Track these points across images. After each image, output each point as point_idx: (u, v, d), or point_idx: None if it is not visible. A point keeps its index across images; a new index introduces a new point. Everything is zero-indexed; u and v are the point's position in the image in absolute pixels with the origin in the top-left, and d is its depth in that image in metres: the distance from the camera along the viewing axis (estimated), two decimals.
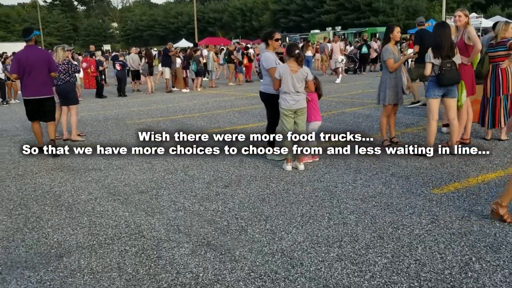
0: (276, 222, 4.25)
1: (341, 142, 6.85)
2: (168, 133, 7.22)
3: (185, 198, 5.09)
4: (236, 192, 5.21)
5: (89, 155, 7.27)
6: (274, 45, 6.57)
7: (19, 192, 5.60)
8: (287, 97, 5.94)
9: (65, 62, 8.51)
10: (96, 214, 4.73)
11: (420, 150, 6.36)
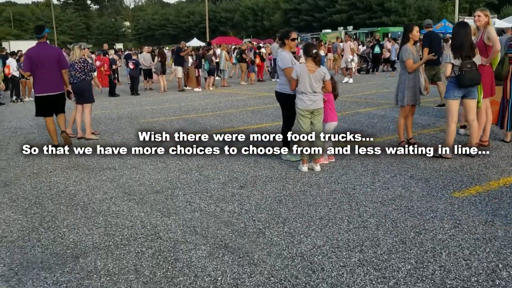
0: (294, 225, 4.17)
1: (341, 143, 6.74)
2: (168, 133, 7.14)
3: (201, 199, 5.02)
4: (252, 193, 5.13)
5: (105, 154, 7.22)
6: (290, 45, 6.49)
7: (34, 191, 5.58)
8: (304, 97, 5.85)
9: (81, 60, 8.49)
10: (112, 214, 4.68)
11: (424, 150, 6.28)
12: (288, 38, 6.41)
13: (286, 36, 6.42)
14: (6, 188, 5.75)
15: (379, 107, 11.40)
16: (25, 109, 14.36)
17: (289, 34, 6.43)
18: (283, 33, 6.53)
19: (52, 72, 7.46)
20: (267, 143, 6.94)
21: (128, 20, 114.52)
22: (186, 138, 6.85)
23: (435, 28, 44.74)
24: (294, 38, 6.50)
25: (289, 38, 6.42)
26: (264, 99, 14.39)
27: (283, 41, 6.47)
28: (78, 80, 8.48)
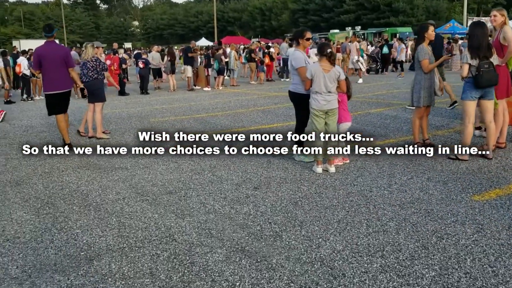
0: (311, 228, 4.08)
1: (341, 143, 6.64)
2: (168, 133, 7.07)
3: (215, 200, 4.94)
4: (267, 195, 5.05)
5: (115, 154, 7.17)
6: (304, 44, 6.40)
7: (46, 190, 5.52)
8: (319, 97, 5.75)
9: (93, 59, 8.43)
10: (125, 215, 4.61)
11: (440, 150, 6.19)
12: (303, 38, 6.32)
13: (301, 35, 6.33)
14: (18, 187, 5.70)
15: (391, 108, 11.27)
16: (35, 107, 14.36)
17: (304, 33, 6.34)
18: (298, 32, 6.44)
19: (60, 71, 7.58)
20: (267, 143, 6.85)
21: (137, 20, 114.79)
22: (186, 138, 6.81)
23: (443, 28, 44.56)
24: (309, 38, 6.41)
25: (304, 37, 6.32)
26: (274, 99, 14.29)
27: (297, 40, 6.38)
28: (90, 79, 8.42)
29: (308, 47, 16.60)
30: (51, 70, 7.52)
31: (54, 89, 7.62)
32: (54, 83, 7.58)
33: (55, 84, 7.58)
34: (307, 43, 6.43)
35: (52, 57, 7.51)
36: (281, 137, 6.54)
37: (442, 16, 58.08)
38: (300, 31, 6.42)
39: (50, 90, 7.65)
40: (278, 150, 6.41)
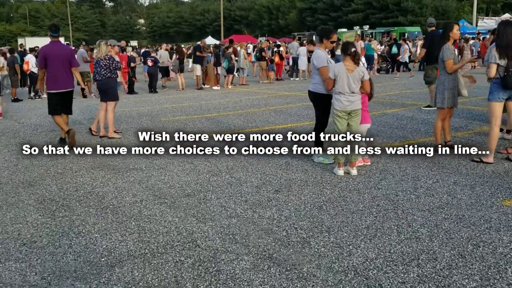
0: (340, 234, 3.91)
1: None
2: (168, 133, 6.92)
3: (236, 204, 4.78)
4: (289, 198, 4.88)
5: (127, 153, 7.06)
6: (327, 45, 6.21)
7: (60, 192, 5.38)
8: (342, 98, 5.58)
9: (107, 57, 8.27)
10: (144, 218, 4.46)
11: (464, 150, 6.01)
12: (328, 39, 6.13)
13: (327, 36, 6.12)
14: (31, 188, 5.56)
15: (406, 108, 11.07)
16: (43, 105, 14.17)
17: (330, 34, 6.12)
18: (324, 31, 6.22)
19: (64, 70, 7.68)
20: (267, 143, 6.70)
21: (143, 18, 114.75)
22: (186, 138, 6.69)
23: None
24: (334, 41, 6.22)
25: (329, 39, 6.13)
26: (285, 98, 14.12)
27: (321, 39, 6.20)
28: (103, 77, 8.28)
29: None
30: (55, 69, 7.61)
31: (57, 88, 7.71)
32: (58, 82, 7.67)
33: (59, 83, 7.68)
34: (330, 46, 6.24)
35: (57, 57, 7.61)
36: (281, 137, 6.41)
37: (451, 16, 57.67)
38: (327, 31, 6.19)
39: (53, 89, 7.73)
40: (278, 150, 6.22)
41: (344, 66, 5.53)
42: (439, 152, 6.13)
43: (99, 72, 8.30)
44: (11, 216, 4.63)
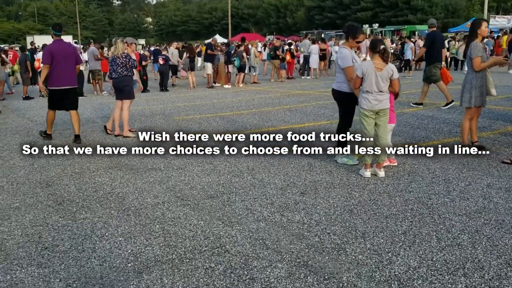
0: (376, 240, 3.73)
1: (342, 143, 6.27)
2: (168, 133, 6.73)
3: (262, 206, 4.60)
4: (317, 201, 4.70)
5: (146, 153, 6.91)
6: (352, 45, 6.01)
7: (79, 193, 5.22)
8: (370, 97, 5.39)
9: (123, 55, 8.11)
10: (168, 221, 4.29)
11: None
12: (354, 39, 5.92)
13: (354, 35, 5.90)
14: (49, 188, 5.41)
15: (425, 107, 10.84)
16: None
17: (357, 34, 5.90)
18: (351, 29, 5.99)
19: (69, 67, 7.82)
20: (267, 143, 6.50)
21: (150, 16, 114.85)
22: (186, 138, 6.48)
23: (464, 26, 43.80)
24: (360, 41, 6.03)
25: (355, 38, 5.92)
26: (298, 97, 13.92)
27: (347, 37, 5.99)
28: (119, 75, 8.12)
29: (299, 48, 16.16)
30: (60, 66, 7.73)
31: (60, 84, 7.80)
32: (61, 79, 7.78)
33: (62, 80, 7.78)
34: (356, 45, 6.04)
35: (63, 54, 7.76)
36: (281, 137, 6.19)
37: (461, 14, 57.21)
38: (354, 30, 5.96)
39: (56, 85, 7.81)
40: (278, 150, 6.03)
41: (373, 64, 5.33)
42: (438, 152, 5.88)
43: (115, 70, 8.15)
44: (30, 218, 4.47)
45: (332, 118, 9.87)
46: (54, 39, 7.95)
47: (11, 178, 5.88)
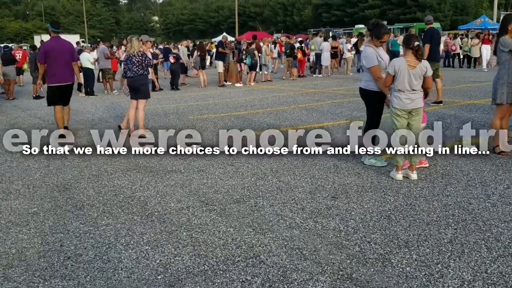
0: (422, 250, 3.48)
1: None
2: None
3: (292, 212, 4.36)
4: (350, 206, 4.45)
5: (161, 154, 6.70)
6: (376, 44, 5.74)
7: (99, 197, 5.00)
8: (402, 96, 5.13)
9: (139, 54, 7.87)
10: (195, 228, 4.06)
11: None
12: (378, 38, 5.65)
13: (378, 36, 5.63)
14: (67, 192, 5.20)
15: (445, 106, 10.56)
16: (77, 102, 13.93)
17: (382, 36, 5.61)
18: (376, 29, 5.67)
19: (65, 64, 7.93)
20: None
21: (157, 15, 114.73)
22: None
23: (474, 24, 43.29)
24: (384, 42, 5.76)
25: (379, 39, 5.66)
26: (313, 96, 13.66)
27: (371, 35, 5.73)
28: (134, 74, 7.89)
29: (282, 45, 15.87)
30: (57, 63, 7.85)
31: (58, 81, 7.93)
32: (57, 76, 7.90)
33: (58, 76, 7.91)
34: (379, 45, 5.77)
35: (58, 51, 7.85)
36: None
37: (470, 11, 56.63)
38: (379, 31, 5.64)
39: (54, 82, 7.95)
40: (278, 150, 5.78)
41: (406, 62, 5.07)
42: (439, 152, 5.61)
43: (130, 68, 7.92)
44: (50, 224, 4.26)
45: (350, 117, 9.62)
46: (51, 36, 8.01)
47: (26, 181, 5.67)
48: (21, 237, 3.97)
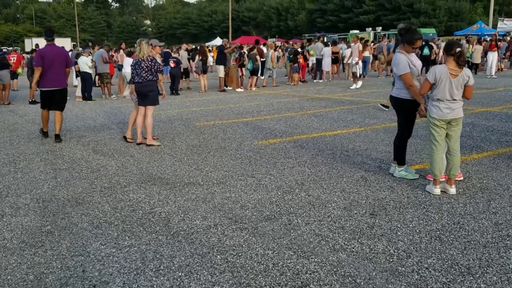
0: (488, 278, 3.14)
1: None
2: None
3: (332, 231, 4.01)
4: (393, 225, 4.11)
5: (175, 162, 6.36)
6: (407, 50, 5.41)
7: (116, 213, 4.61)
8: (441, 105, 4.82)
9: (149, 59, 7.50)
10: (229, 250, 3.69)
11: None
12: (410, 45, 5.32)
13: (410, 42, 5.28)
14: (80, 207, 4.80)
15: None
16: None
17: (415, 42, 5.27)
18: (408, 35, 5.31)
19: (59, 70, 8.24)
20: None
21: (149, 19, 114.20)
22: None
23: (470, 29, 43.38)
24: (416, 47, 5.43)
25: (412, 45, 5.32)
26: (319, 102, 13.35)
27: (403, 41, 5.39)
28: (143, 79, 7.52)
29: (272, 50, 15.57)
30: (51, 69, 8.14)
31: (50, 86, 8.22)
32: (50, 81, 8.19)
33: (50, 81, 8.19)
34: (412, 51, 5.44)
35: (53, 58, 8.16)
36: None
37: (464, 17, 56.86)
38: (411, 38, 5.28)
39: (46, 86, 8.25)
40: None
41: (447, 69, 4.74)
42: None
43: (139, 74, 7.54)
44: (67, 244, 3.87)
45: (363, 124, 9.32)
46: (46, 43, 8.36)
47: (34, 194, 5.27)
48: (38, 261, 3.58)
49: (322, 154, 6.86)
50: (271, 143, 7.81)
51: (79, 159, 6.93)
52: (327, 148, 7.21)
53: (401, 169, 5.56)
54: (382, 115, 10.45)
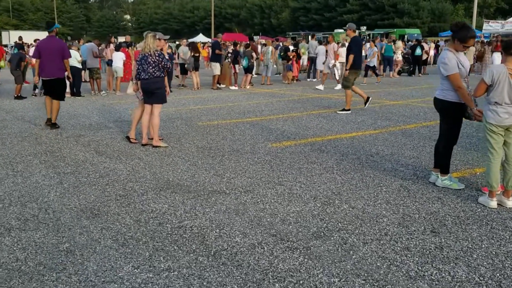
0: None
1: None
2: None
3: (397, 253, 3.52)
4: (463, 245, 3.65)
5: (190, 166, 5.80)
6: (458, 48, 4.95)
7: (140, 227, 4.04)
8: (499, 109, 4.38)
9: (156, 53, 6.90)
10: (287, 277, 3.17)
11: None
12: (462, 43, 4.85)
13: (462, 40, 4.81)
14: (98, 219, 4.21)
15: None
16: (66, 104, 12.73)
17: (467, 40, 4.81)
18: (462, 32, 4.84)
19: (54, 61, 8.68)
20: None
21: (129, 14, 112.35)
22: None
23: None
24: (468, 46, 4.97)
25: (463, 43, 4.86)
26: (319, 101, 12.91)
27: (453, 39, 4.94)
28: (150, 76, 6.91)
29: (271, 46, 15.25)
30: (47, 60, 8.64)
31: (46, 75, 8.74)
32: (45, 71, 8.70)
33: (46, 71, 8.70)
34: (462, 50, 4.98)
35: (48, 49, 8.67)
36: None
37: (447, 19, 57.24)
38: (464, 34, 4.82)
39: (43, 76, 8.80)
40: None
41: (507, 70, 4.31)
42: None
43: (145, 69, 6.94)
44: (93, 267, 3.29)
45: (376, 126, 8.90)
46: (48, 35, 8.91)
47: (42, 203, 4.65)
48: None
49: (346, 159, 6.39)
50: (286, 145, 7.31)
51: (83, 161, 6.30)
52: (349, 152, 6.75)
53: (445, 178, 5.12)
54: (394, 117, 10.05)
